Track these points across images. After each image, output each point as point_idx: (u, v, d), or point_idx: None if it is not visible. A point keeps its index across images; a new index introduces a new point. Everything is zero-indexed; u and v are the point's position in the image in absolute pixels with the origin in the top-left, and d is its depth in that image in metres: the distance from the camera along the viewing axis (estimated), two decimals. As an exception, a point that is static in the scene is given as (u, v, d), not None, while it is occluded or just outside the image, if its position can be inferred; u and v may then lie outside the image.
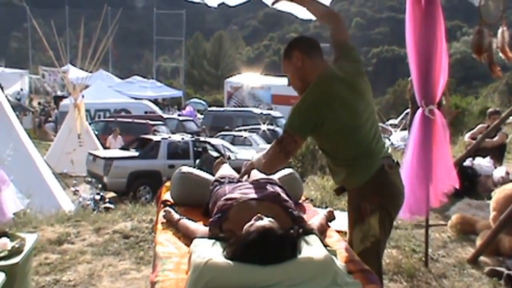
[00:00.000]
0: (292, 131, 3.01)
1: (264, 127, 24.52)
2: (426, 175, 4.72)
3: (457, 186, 4.97)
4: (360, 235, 3.11)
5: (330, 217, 3.56)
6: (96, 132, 19.57)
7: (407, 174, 4.64)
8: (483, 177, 8.24)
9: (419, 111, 4.83)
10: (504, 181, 7.62)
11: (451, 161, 5.08)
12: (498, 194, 5.78)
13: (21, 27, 74.90)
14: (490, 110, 9.60)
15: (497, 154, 8.93)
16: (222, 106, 39.24)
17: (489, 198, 6.14)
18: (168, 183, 4.26)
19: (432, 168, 4.72)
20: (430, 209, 5.15)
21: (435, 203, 4.91)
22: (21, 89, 39.78)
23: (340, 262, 2.57)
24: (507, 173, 8.14)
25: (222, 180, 3.60)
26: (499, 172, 8.24)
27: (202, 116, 32.60)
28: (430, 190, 4.79)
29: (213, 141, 16.85)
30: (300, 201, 4.15)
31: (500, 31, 5.65)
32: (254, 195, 3.01)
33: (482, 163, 8.46)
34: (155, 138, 15.24)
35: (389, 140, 18.67)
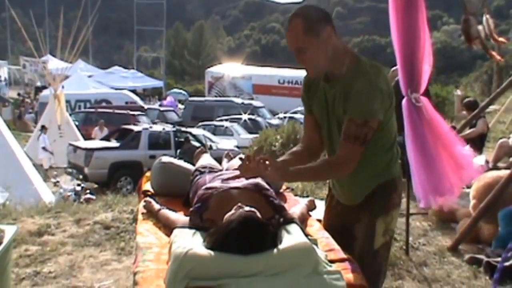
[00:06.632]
0: (370, 117, 2.59)
1: (245, 116, 24.61)
2: (439, 159, 4.38)
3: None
4: (383, 228, 2.88)
5: (311, 206, 3.53)
6: (77, 123, 19.47)
7: (419, 164, 4.35)
8: (463, 166, 8.28)
9: (405, 100, 4.65)
10: (484, 169, 7.67)
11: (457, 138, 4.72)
12: (478, 182, 5.82)
13: (-1, 17, 73.94)
14: (465, 101, 9.55)
15: (477, 143, 8.98)
16: (203, 96, 39.09)
17: (469, 186, 6.18)
18: (148, 173, 4.23)
19: (444, 148, 4.40)
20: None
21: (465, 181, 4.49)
22: (0, 80, 39.41)
23: (321, 251, 2.58)
24: (487, 162, 8.19)
25: (203, 170, 3.59)
26: (478, 161, 8.29)
27: (183, 106, 32.51)
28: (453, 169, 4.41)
29: (194, 131, 16.82)
30: (281, 190, 4.13)
31: (484, 19, 5.69)
32: (234, 184, 2.99)
33: (462, 152, 8.50)
34: (136, 128, 15.21)
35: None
